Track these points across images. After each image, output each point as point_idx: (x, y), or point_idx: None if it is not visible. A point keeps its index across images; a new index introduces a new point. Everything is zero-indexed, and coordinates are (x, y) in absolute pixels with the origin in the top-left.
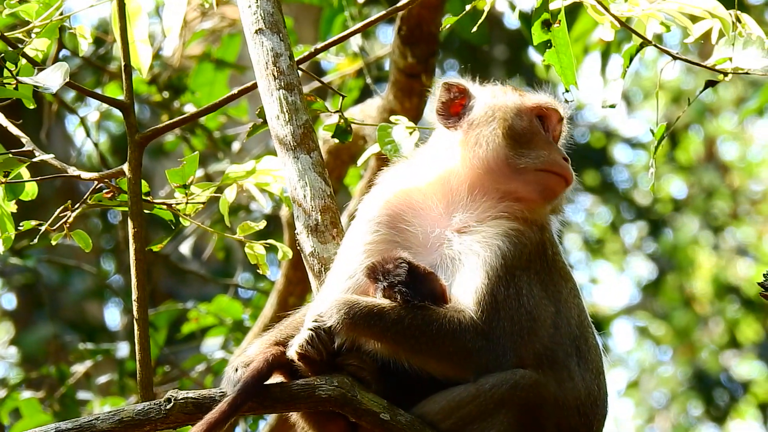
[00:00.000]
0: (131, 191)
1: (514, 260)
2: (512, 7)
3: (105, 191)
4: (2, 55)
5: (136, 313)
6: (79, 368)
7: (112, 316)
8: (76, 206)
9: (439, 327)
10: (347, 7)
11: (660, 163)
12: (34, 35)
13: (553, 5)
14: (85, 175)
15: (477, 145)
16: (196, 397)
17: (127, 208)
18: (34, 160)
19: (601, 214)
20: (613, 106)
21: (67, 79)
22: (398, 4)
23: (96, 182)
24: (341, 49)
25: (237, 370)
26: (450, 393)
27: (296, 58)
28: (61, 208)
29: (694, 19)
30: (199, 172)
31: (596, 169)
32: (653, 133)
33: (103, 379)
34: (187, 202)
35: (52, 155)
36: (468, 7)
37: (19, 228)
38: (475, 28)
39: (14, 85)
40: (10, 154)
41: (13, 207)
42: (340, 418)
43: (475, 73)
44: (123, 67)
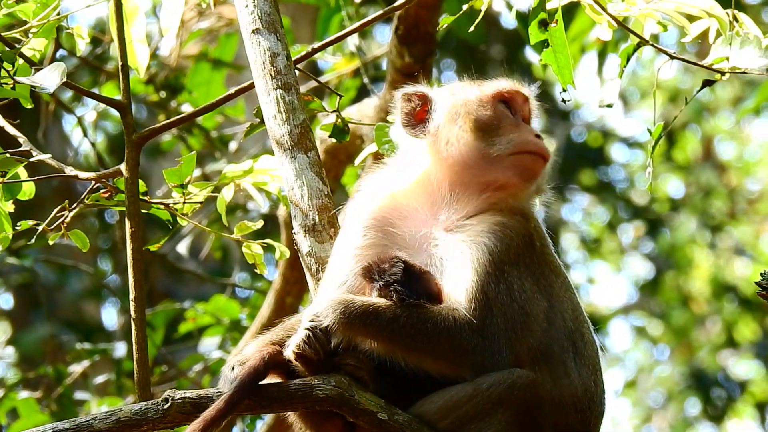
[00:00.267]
0: (128, 191)
1: (502, 255)
2: (509, 6)
3: (102, 191)
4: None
5: (133, 313)
6: (77, 368)
7: (110, 315)
8: (74, 206)
9: (435, 325)
10: (344, 7)
11: (657, 162)
12: (31, 35)
13: (550, 5)
14: (83, 175)
15: (448, 144)
16: (194, 397)
17: (124, 208)
18: (32, 159)
19: (598, 213)
20: (610, 106)
21: (65, 79)
22: (395, 4)
23: (93, 182)
24: (338, 49)
25: (233, 369)
26: (447, 393)
27: (293, 58)
28: (59, 207)
29: (692, 19)
30: (197, 172)
31: (593, 169)
32: (650, 133)
33: (100, 379)
34: (185, 202)
35: (50, 155)
36: (465, 7)
37: (17, 228)
38: (472, 28)
39: (11, 85)
40: (8, 154)
41: (10, 207)
42: (338, 418)
43: (472, 72)
44: (120, 67)
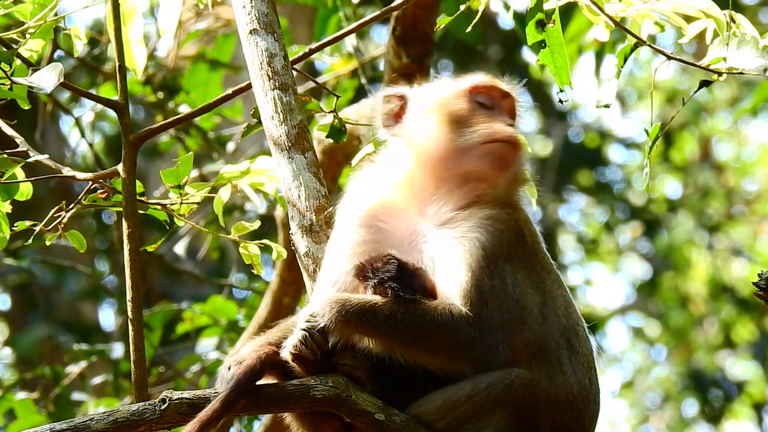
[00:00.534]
0: (126, 192)
1: (494, 249)
2: (506, 7)
3: (99, 192)
4: None
5: (130, 314)
6: (74, 369)
7: (107, 316)
8: (71, 207)
9: (432, 319)
10: (342, 8)
11: (654, 163)
12: (28, 36)
13: (548, 5)
14: (80, 176)
15: (423, 139)
16: (191, 398)
17: (121, 209)
18: (29, 160)
19: (596, 214)
20: (607, 106)
21: (62, 80)
22: (393, 4)
23: (91, 183)
24: (336, 50)
25: (230, 368)
26: (445, 392)
27: (291, 59)
28: (56, 208)
29: (689, 19)
30: (194, 173)
31: (590, 169)
32: (648, 133)
33: (97, 380)
34: (182, 203)
35: (47, 156)
36: (462, 7)
37: (14, 228)
38: (469, 28)
39: (9, 86)
40: (5, 155)
41: (7, 207)
42: (335, 419)
43: (469, 73)
44: (118, 68)
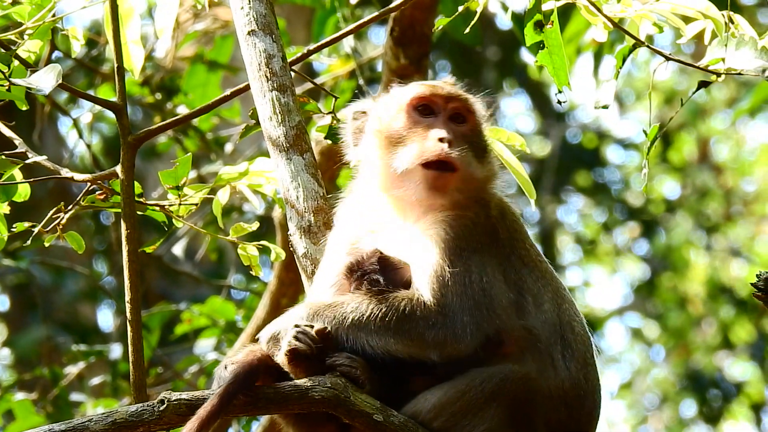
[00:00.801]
0: (124, 193)
1: (458, 241)
2: (505, 8)
3: (98, 193)
4: None
5: (129, 315)
6: (72, 370)
7: (105, 317)
8: (69, 208)
9: (392, 303)
10: (340, 9)
11: (653, 163)
12: (26, 37)
13: (546, 6)
14: (78, 177)
15: (368, 163)
16: (189, 399)
17: (120, 210)
18: (27, 161)
19: (594, 215)
20: (605, 107)
21: (60, 81)
22: (391, 6)
23: (89, 184)
24: (334, 51)
25: (227, 368)
26: (440, 389)
27: (289, 60)
28: (54, 209)
29: (687, 20)
30: (192, 174)
31: (589, 170)
32: (646, 134)
33: (96, 381)
34: (180, 204)
35: (45, 157)
36: (461, 8)
37: (12, 229)
38: (467, 29)
39: (7, 87)
40: (3, 156)
41: (6, 208)
42: (332, 423)
43: (468, 74)
44: (116, 69)
